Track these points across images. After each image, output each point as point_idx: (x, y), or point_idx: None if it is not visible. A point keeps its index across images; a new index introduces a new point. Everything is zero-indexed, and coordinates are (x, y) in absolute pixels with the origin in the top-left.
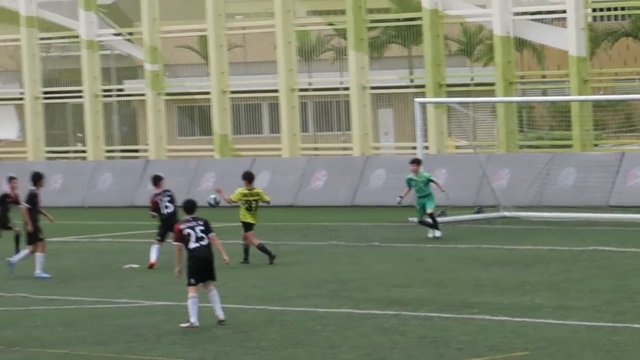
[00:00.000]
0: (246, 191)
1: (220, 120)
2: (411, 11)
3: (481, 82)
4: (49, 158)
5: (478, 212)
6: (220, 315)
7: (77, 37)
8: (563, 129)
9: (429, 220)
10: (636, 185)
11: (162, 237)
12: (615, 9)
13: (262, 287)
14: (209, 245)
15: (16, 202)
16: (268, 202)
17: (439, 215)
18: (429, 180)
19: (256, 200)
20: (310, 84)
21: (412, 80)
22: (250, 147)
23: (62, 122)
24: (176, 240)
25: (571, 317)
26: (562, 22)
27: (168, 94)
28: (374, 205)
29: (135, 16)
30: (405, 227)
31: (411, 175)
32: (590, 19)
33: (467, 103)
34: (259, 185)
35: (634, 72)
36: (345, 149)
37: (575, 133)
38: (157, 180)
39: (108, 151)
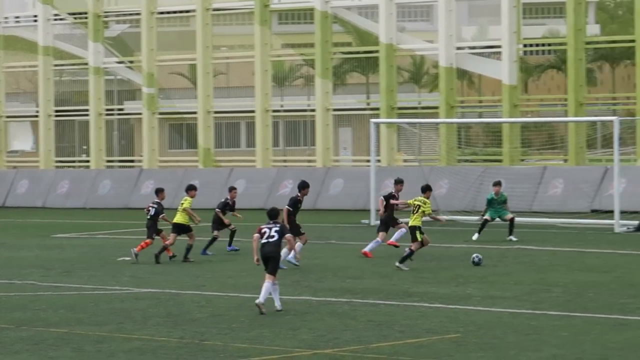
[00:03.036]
0: None
1: (205, 136)
2: (369, 45)
3: (427, 106)
4: (57, 167)
5: None
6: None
7: (85, 64)
8: (495, 146)
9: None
10: (555, 194)
11: None
12: (543, 44)
13: (236, 278)
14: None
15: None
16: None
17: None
18: (505, 201)
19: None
20: (282, 105)
21: (368, 104)
22: (229, 159)
23: (70, 136)
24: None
25: (497, 305)
26: (497, 55)
27: (161, 113)
28: (332, 209)
29: (136, 47)
30: (358, 228)
31: (493, 195)
32: (521, 53)
33: (415, 123)
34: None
35: (557, 99)
36: (309, 161)
37: (505, 150)
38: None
39: (108, 161)
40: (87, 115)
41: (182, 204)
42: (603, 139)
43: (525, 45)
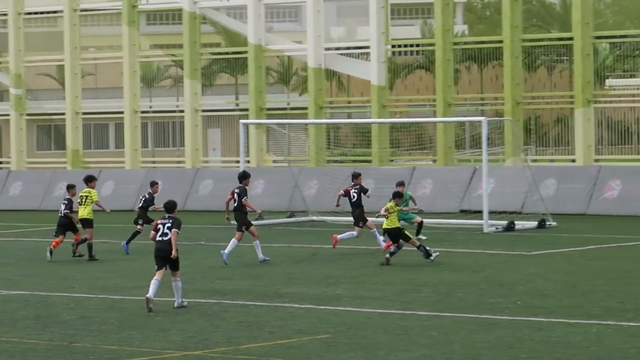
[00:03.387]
0: None
1: (73, 137)
2: (238, 45)
3: (296, 107)
4: None
5: (290, 216)
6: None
7: None
8: (364, 147)
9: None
10: (424, 194)
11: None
12: (411, 45)
13: (105, 279)
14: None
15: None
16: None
17: (257, 219)
18: (410, 198)
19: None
20: (150, 106)
21: (237, 105)
22: (98, 160)
23: None
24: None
25: (367, 305)
26: (366, 56)
27: (29, 115)
28: (202, 210)
29: (3, 48)
30: (228, 229)
31: None
32: (390, 54)
33: (284, 124)
34: (106, 192)
35: (425, 99)
36: (179, 162)
37: (374, 150)
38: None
39: None
40: None
41: (88, 197)
42: (471, 139)
43: (393, 46)
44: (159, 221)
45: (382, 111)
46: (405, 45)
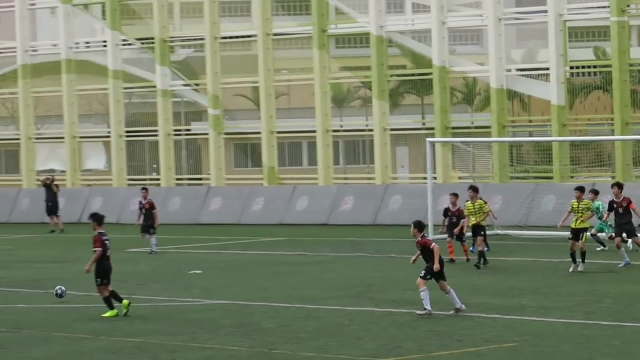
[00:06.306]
0: None
1: (269, 155)
2: (424, 68)
3: (480, 126)
4: (129, 185)
5: None
6: (459, 305)
7: (154, 87)
8: (545, 164)
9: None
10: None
11: None
12: (590, 67)
13: (301, 290)
14: None
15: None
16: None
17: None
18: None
19: None
20: (341, 126)
21: (424, 124)
22: (293, 177)
23: (140, 156)
24: None
25: (551, 316)
26: (546, 77)
27: (227, 134)
28: (392, 224)
29: (201, 70)
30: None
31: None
32: (569, 75)
33: (469, 142)
34: (300, 208)
35: (603, 119)
36: (369, 178)
37: (555, 167)
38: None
39: (178, 179)
40: (156, 135)
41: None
42: None
43: (572, 68)
44: None
45: (563, 130)
46: (583, 67)
